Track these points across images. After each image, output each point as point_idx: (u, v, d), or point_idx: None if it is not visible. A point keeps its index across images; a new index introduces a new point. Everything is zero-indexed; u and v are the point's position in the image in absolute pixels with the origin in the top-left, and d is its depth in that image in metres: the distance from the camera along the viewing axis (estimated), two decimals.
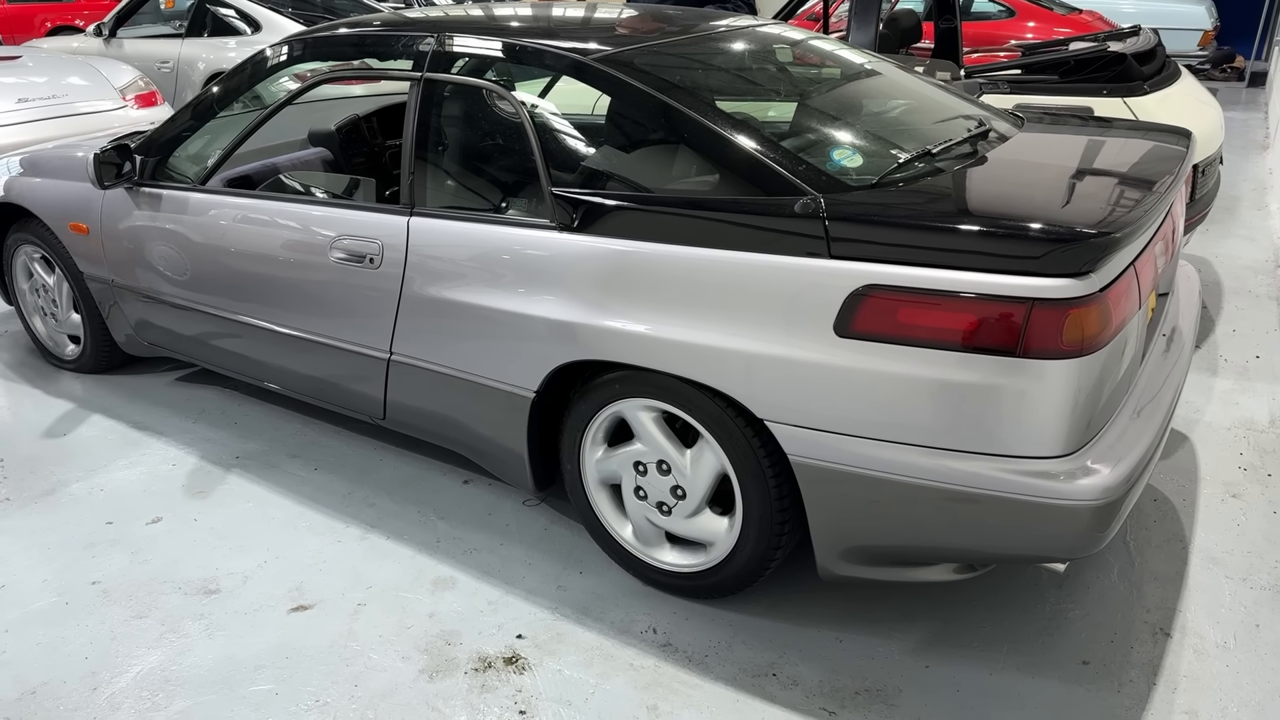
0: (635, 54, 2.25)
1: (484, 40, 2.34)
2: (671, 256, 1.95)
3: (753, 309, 1.85)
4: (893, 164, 1.98)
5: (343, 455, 2.87)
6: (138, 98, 5.32)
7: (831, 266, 1.78)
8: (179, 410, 3.16)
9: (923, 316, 1.70)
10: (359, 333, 2.48)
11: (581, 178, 2.14)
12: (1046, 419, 1.68)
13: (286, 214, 2.57)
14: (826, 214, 1.80)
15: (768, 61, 2.53)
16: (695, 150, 2.03)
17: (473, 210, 2.27)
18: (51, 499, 2.65)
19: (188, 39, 7.02)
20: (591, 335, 2.05)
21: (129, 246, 2.96)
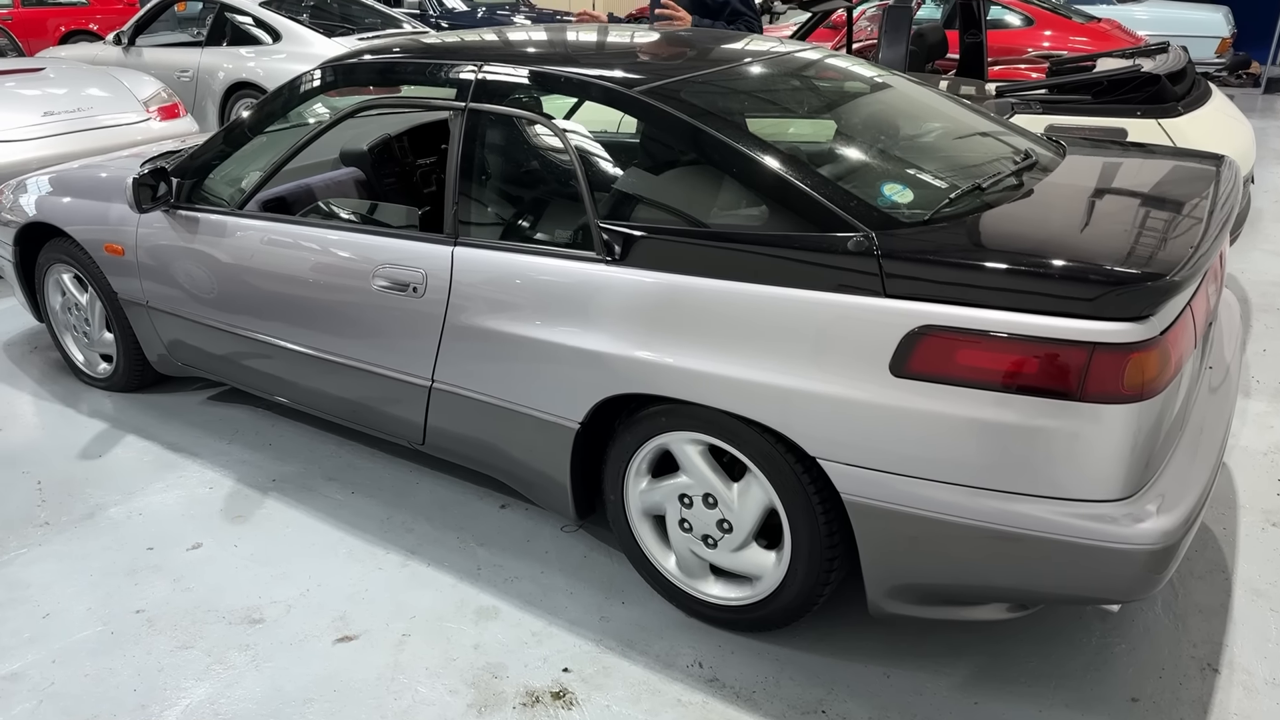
0: (681, 85, 2.25)
1: (528, 70, 2.34)
2: (720, 291, 1.95)
3: (806, 346, 1.85)
4: (944, 199, 1.97)
5: (379, 478, 2.87)
6: (160, 110, 5.33)
7: (887, 306, 1.78)
8: (213, 431, 3.17)
9: (981, 358, 1.69)
10: (400, 359, 2.49)
11: (628, 210, 2.14)
12: (1105, 462, 1.68)
13: (326, 240, 2.57)
14: (881, 252, 1.80)
15: (811, 90, 2.53)
16: (744, 184, 2.03)
17: (517, 241, 2.27)
18: (91, 523, 2.65)
19: (207, 48, 7.03)
20: (638, 368, 2.05)
21: (164, 268, 2.97)
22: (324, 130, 2.66)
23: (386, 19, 7.64)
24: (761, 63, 2.54)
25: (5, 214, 3.46)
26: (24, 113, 4.79)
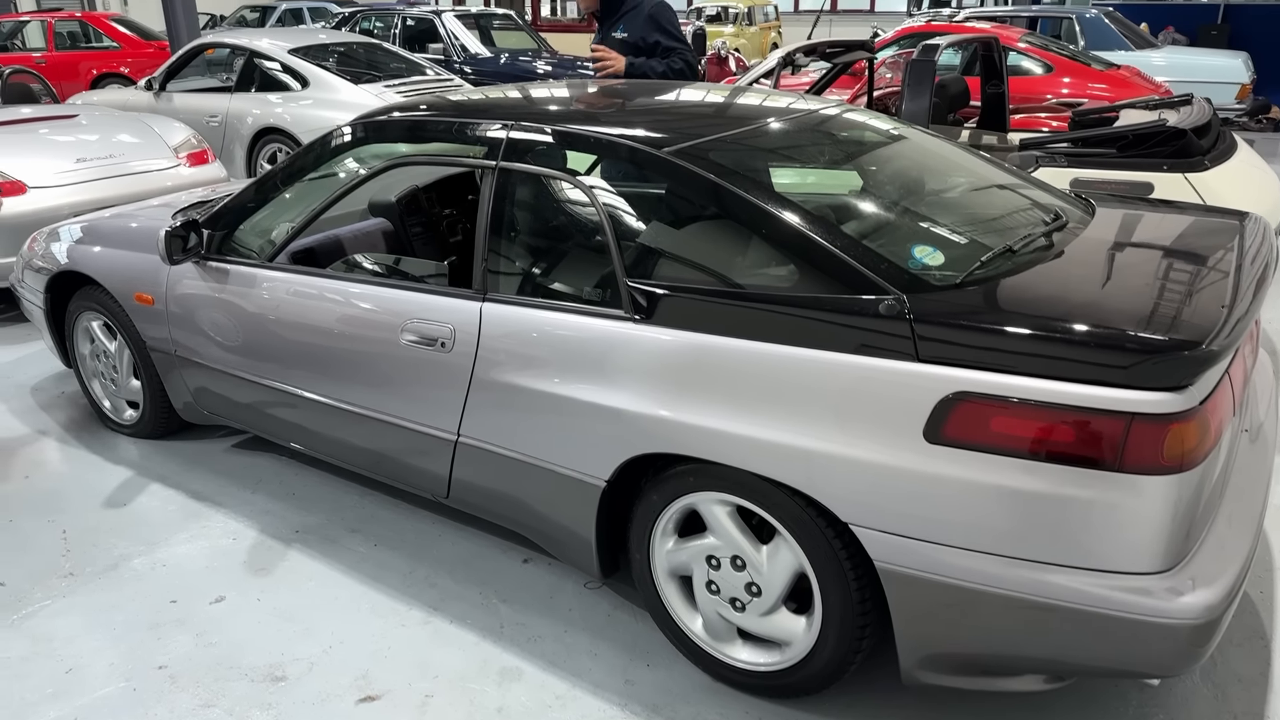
0: (709, 145, 2.26)
1: (558, 129, 2.36)
2: (749, 352, 1.94)
3: (837, 409, 1.84)
4: (975, 262, 1.96)
5: (401, 530, 2.86)
6: (189, 156, 5.42)
7: (921, 371, 1.76)
8: (237, 479, 3.17)
9: (1017, 427, 1.67)
10: (427, 413, 2.48)
11: (656, 268, 2.14)
12: (1145, 534, 1.64)
13: (355, 293, 2.59)
14: (913, 316, 1.79)
15: (838, 148, 2.54)
16: (772, 244, 2.03)
17: (545, 298, 2.27)
18: (114, 575, 2.65)
19: (236, 93, 7.16)
20: (666, 428, 2.04)
21: (193, 318, 2.99)
22: (355, 186, 2.69)
23: (411, 65, 7.77)
24: (788, 121, 2.55)
25: (37, 261, 3.51)
26: (58, 159, 4.88)
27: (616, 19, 3.88)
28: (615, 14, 3.89)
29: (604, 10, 3.91)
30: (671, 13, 3.88)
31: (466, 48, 10.03)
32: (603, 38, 3.96)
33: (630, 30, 3.82)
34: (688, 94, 2.88)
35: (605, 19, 3.93)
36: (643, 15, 3.80)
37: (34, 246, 3.59)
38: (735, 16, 17.11)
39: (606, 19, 3.93)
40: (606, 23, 3.94)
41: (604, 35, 3.96)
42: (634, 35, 3.81)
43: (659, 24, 3.79)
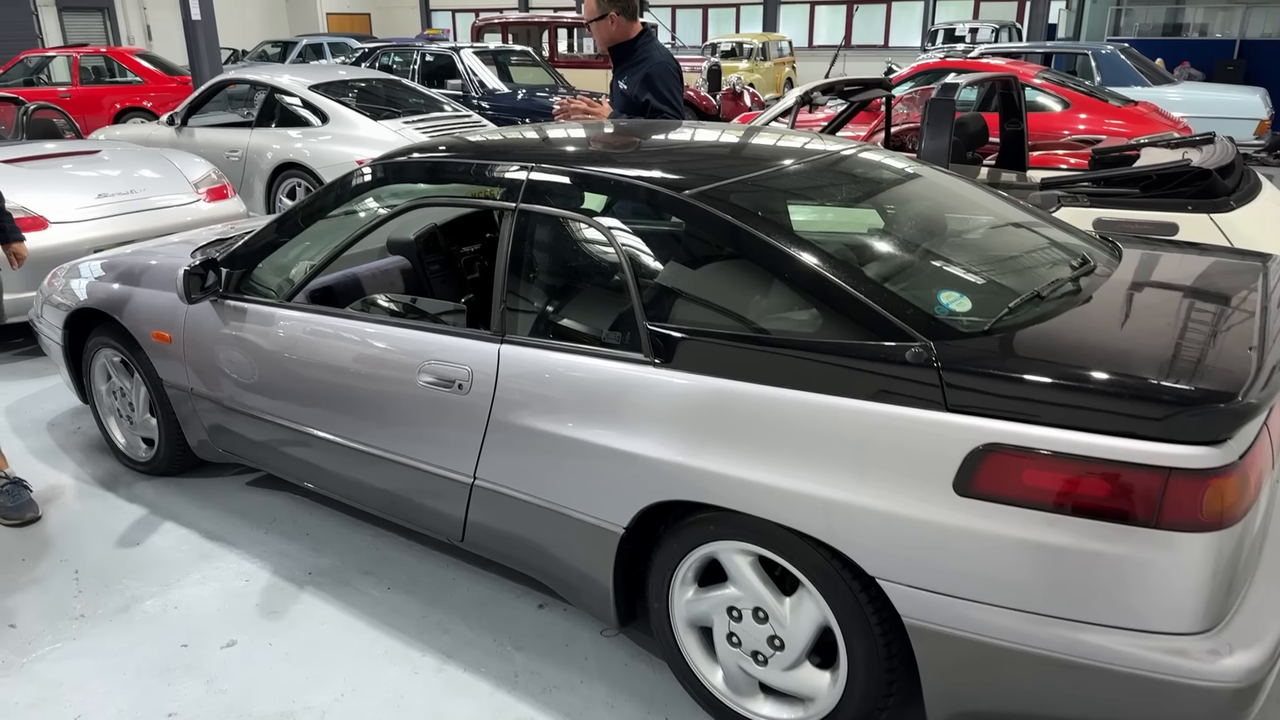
0: (730, 188, 2.24)
1: (578, 172, 2.35)
2: (772, 398, 1.90)
3: (863, 459, 1.79)
4: (1002, 308, 1.92)
5: (415, 573, 2.82)
6: (209, 191, 5.46)
7: (950, 421, 1.72)
8: (251, 519, 3.14)
9: (1051, 480, 1.63)
10: (442, 455, 2.45)
11: (677, 312, 2.11)
12: (1184, 593, 1.59)
13: (372, 334, 2.57)
14: (940, 364, 1.75)
15: (860, 191, 2.52)
16: (795, 289, 2.00)
17: (565, 341, 2.25)
18: (126, 617, 2.62)
19: (257, 129, 7.23)
20: (686, 475, 2.00)
21: (210, 357, 2.98)
22: (374, 226, 2.69)
23: (430, 101, 7.83)
24: (809, 162, 2.53)
25: (57, 297, 3.52)
26: (79, 194, 4.92)
27: (624, 69, 3.91)
28: (625, 64, 3.91)
29: (615, 57, 3.94)
30: (670, 77, 3.83)
31: (484, 83, 10.13)
32: (613, 84, 4.00)
33: (630, 85, 3.85)
34: (707, 135, 2.87)
35: (617, 66, 3.96)
36: (642, 73, 3.82)
37: (54, 282, 3.60)
38: (750, 52, 17.24)
39: (618, 66, 3.95)
40: (617, 70, 3.97)
41: (614, 82, 3.99)
42: (631, 90, 3.84)
43: (652, 85, 3.81)
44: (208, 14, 10.38)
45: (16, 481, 3.19)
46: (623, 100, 3.85)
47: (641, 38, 3.86)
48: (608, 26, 3.90)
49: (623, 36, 3.86)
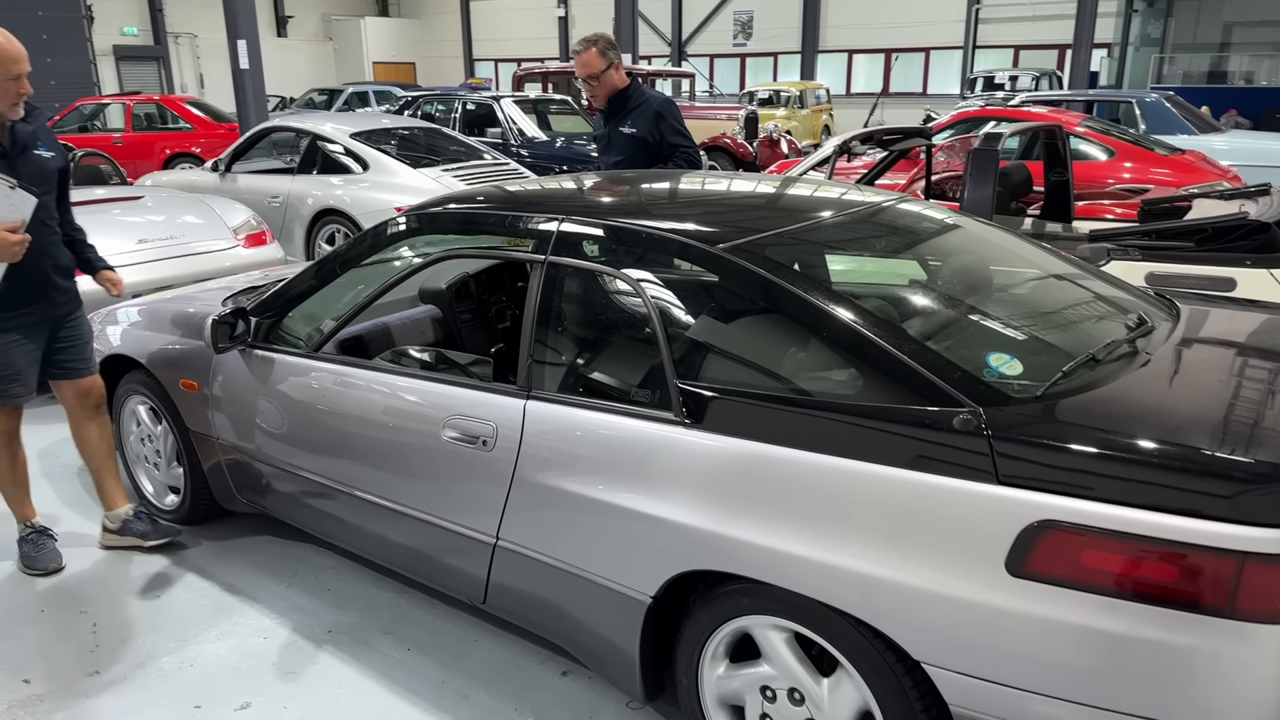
0: (767, 241, 2.16)
1: (609, 224, 2.29)
2: (809, 465, 1.80)
3: (907, 533, 1.68)
4: (1056, 372, 1.81)
5: (436, 633, 2.73)
6: (248, 237, 5.51)
7: (1002, 495, 1.61)
8: (273, 572, 3.08)
9: (1112, 562, 1.50)
10: (465, 514, 2.37)
11: (709, 370, 2.03)
12: (1260, 690, 1.45)
13: (397, 386, 2.51)
14: (991, 432, 1.64)
15: (903, 246, 2.43)
16: (834, 348, 1.91)
17: (592, 397, 2.17)
18: (141, 675, 2.55)
19: (298, 175, 7.33)
20: (716, 543, 1.89)
21: (236, 407, 2.95)
22: (404, 277, 2.64)
23: (470, 150, 7.90)
24: (847, 215, 2.45)
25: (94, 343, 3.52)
26: (120, 239, 4.97)
27: (624, 114, 3.95)
28: (623, 110, 3.96)
29: (611, 106, 3.99)
30: (677, 110, 4.00)
31: (523, 131, 10.23)
32: (609, 132, 4.02)
33: (638, 126, 3.91)
34: (741, 186, 2.81)
35: (613, 114, 4.01)
36: (650, 112, 3.91)
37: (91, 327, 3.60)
38: (787, 100, 17.32)
39: (614, 114, 4.00)
40: (614, 118, 4.00)
41: (611, 130, 4.01)
42: (642, 131, 3.91)
43: (668, 121, 3.91)
44: (255, 63, 10.65)
45: (42, 531, 3.16)
46: (629, 144, 3.90)
47: (633, 83, 3.95)
48: (612, 77, 3.96)
49: (621, 84, 3.93)
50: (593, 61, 3.89)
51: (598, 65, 3.89)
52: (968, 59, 21.08)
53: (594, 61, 3.88)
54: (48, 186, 2.89)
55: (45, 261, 2.88)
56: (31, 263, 2.79)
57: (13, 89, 2.69)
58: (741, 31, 24.38)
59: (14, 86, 2.69)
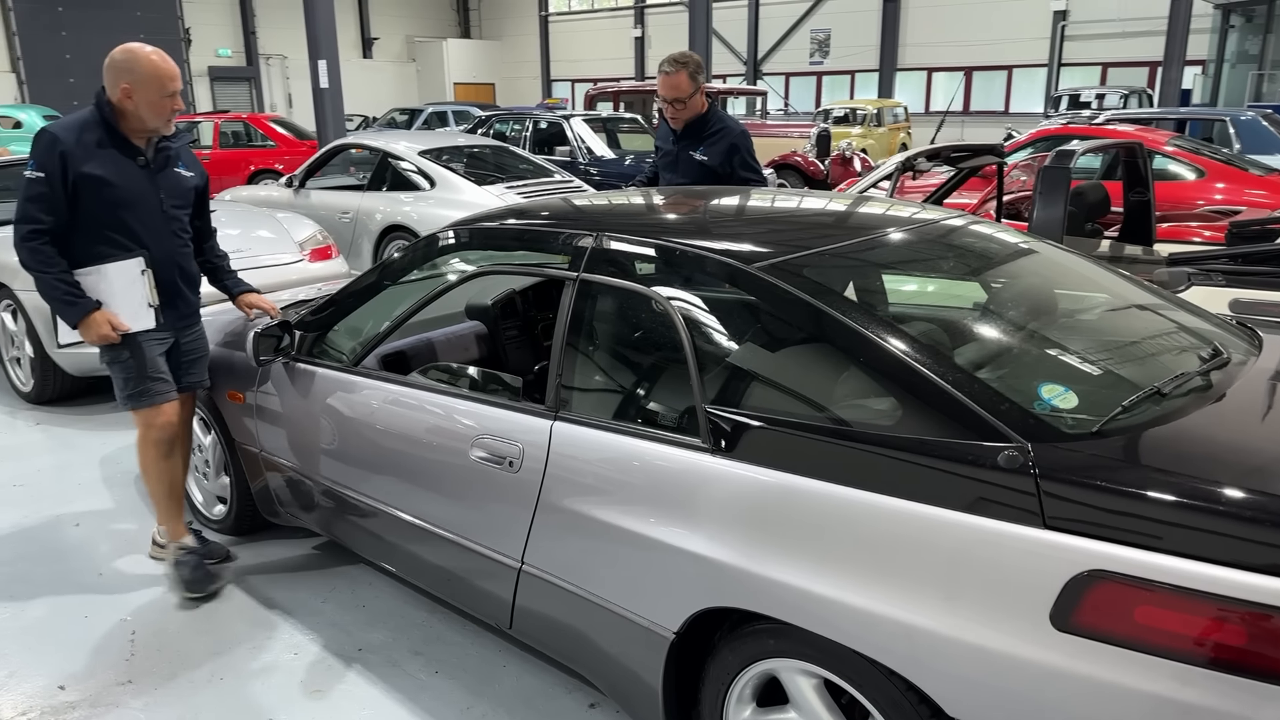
0: (806, 260, 2.06)
1: (643, 241, 2.21)
2: (840, 500, 1.68)
3: (944, 578, 1.55)
4: (1116, 406, 1.66)
5: (465, 656, 2.67)
6: (313, 251, 5.60)
7: (1047, 540, 1.47)
8: (310, 586, 3.07)
9: (1170, 620, 1.35)
10: (491, 536, 2.31)
11: (739, 396, 1.92)
12: None
13: (428, 403, 2.47)
14: (1039, 471, 1.51)
15: (954, 267, 2.29)
16: (872, 375, 1.79)
17: (619, 421, 2.08)
18: (171, 686, 2.55)
19: (368, 192, 7.46)
20: (742, 581, 1.78)
21: (276, 418, 2.95)
22: (439, 294, 2.61)
23: (537, 168, 7.94)
24: (899, 234, 2.32)
25: None
26: None
27: (699, 140, 3.84)
28: (698, 136, 3.85)
29: (687, 129, 3.88)
30: (752, 143, 3.90)
31: (592, 150, 10.26)
32: (678, 153, 3.91)
33: (710, 155, 3.81)
34: (788, 203, 2.71)
35: (685, 136, 3.90)
36: (726, 142, 3.79)
37: None
38: (864, 118, 17.05)
39: (686, 137, 3.89)
40: (684, 142, 3.90)
41: (681, 151, 3.90)
42: (714, 160, 3.80)
43: (742, 155, 3.81)
44: (335, 82, 10.94)
45: (194, 551, 3.06)
46: (698, 170, 3.80)
47: (712, 108, 3.85)
48: (698, 101, 3.87)
49: (703, 109, 3.84)
50: (683, 85, 3.77)
51: (686, 89, 3.78)
52: (1052, 76, 20.49)
53: (684, 85, 3.77)
54: (183, 201, 2.99)
55: (174, 272, 2.95)
56: (162, 273, 2.89)
57: (167, 105, 2.79)
58: (818, 50, 24.19)
59: (168, 103, 2.79)
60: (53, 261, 2.76)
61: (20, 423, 4.67)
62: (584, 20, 29.05)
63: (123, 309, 2.84)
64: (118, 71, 2.76)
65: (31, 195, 2.72)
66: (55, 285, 2.76)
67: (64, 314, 2.80)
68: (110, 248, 2.82)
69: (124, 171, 2.81)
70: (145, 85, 2.75)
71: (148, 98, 2.76)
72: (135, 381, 2.92)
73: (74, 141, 2.73)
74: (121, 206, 2.80)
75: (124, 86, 2.75)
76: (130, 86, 2.75)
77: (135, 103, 2.76)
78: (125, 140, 2.82)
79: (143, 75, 2.75)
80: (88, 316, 2.79)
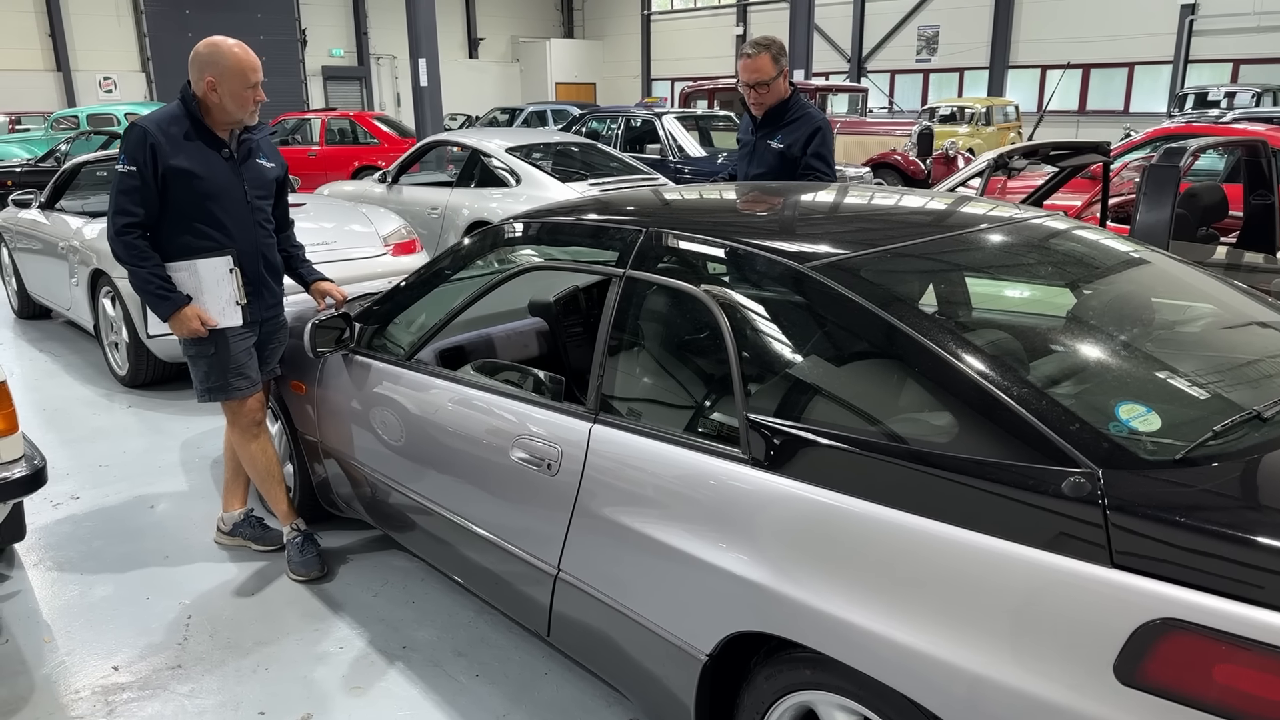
0: (865, 261, 1.91)
1: (692, 238, 2.10)
2: (888, 524, 1.53)
3: (997, 618, 1.39)
4: (1205, 430, 1.47)
5: (507, 661, 2.60)
6: (397, 246, 5.66)
7: (1115, 581, 1.29)
8: (363, 578, 3.06)
9: (1257, 683, 1.17)
10: (530, 541, 2.24)
11: (784, 405, 1.79)
12: None
13: (474, 401, 2.42)
14: (1108, 501, 1.33)
15: (1030, 270, 2.10)
16: (929, 387, 1.63)
17: (659, 426, 1.97)
18: (217, 674, 2.57)
19: (457, 188, 7.54)
20: (777, 605, 1.65)
21: (334, 409, 2.95)
22: (487, 290, 2.55)
23: (625, 166, 7.87)
24: (972, 234, 2.14)
25: None
26: None
27: (777, 128, 3.67)
28: (777, 123, 3.68)
29: (766, 116, 3.71)
30: (832, 136, 3.72)
31: (683, 148, 10.15)
32: (755, 143, 3.75)
33: (788, 142, 3.63)
34: (856, 199, 2.54)
35: (765, 125, 3.73)
36: (805, 132, 3.60)
37: None
38: (972, 117, 16.41)
39: (766, 125, 3.72)
40: (763, 131, 3.73)
41: (759, 140, 3.74)
42: (792, 147, 3.62)
43: (816, 144, 3.62)
44: (434, 81, 11.15)
45: (308, 535, 3.12)
46: (776, 160, 3.62)
47: (794, 95, 3.67)
48: (780, 85, 3.70)
49: (785, 95, 3.66)
50: (765, 67, 3.61)
51: (769, 72, 3.62)
52: (1178, 74, 19.33)
53: (766, 67, 3.61)
54: (266, 192, 3.03)
55: (259, 262, 2.99)
56: (247, 263, 2.94)
57: (250, 97, 2.82)
58: (926, 47, 23.45)
59: (251, 94, 2.82)
60: (146, 255, 2.81)
61: (115, 405, 4.86)
62: (686, 19, 28.94)
63: (212, 305, 2.88)
64: (202, 65, 2.79)
65: (124, 188, 2.78)
66: (149, 280, 2.82)
67: (156, 308, 2.86)
68: (198, 239, 2.86)
69: (210, 164, 2.85)
70: (229, 77, 2.78)
71: (231, 89, 2.79)
72: (215, 376, 2.96)
73: (163, 135, 2.78)
74: (209, 198, 2.84)
75: (209, 79, 2.78)
76: (215, 79, 2.78)
77: (220, 95, 2.79)
78: (210, 133, 2.86)
79: (226, 68, 2.77)
80: (179, 311, 2.84)
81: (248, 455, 3.08)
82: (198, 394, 3.01)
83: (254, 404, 3.04)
